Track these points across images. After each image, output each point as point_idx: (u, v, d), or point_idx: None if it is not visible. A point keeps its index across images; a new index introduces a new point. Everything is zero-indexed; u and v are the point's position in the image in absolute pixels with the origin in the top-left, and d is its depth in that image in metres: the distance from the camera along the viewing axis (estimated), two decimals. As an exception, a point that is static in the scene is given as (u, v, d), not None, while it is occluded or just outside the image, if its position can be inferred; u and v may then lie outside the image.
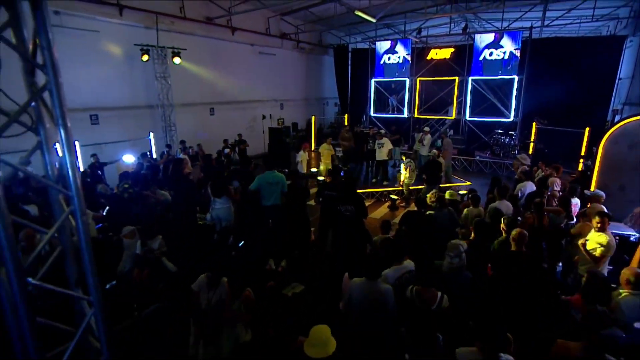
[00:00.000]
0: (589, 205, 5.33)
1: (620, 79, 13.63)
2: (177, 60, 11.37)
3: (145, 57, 10.63)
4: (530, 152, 12.33)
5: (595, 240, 4.29)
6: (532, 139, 12.91)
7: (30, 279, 1.46)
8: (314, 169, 10.47)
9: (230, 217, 5.19)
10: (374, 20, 12.48)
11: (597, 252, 4.16)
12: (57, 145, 1.75)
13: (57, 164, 1.77)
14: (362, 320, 3.12)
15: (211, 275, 3.52)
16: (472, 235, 4.47)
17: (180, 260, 4.74)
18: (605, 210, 5.25)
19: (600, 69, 12.59)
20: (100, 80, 10.21)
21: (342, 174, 5.52)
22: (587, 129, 11.32)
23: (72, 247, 1.74)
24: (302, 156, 10.51)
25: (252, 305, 3.68)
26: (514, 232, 3.73)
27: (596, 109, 12.97)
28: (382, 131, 11.88)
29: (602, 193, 5.33)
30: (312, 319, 3.86)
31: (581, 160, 10.50)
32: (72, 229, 1.69)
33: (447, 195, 5.78)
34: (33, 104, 1.66)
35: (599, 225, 4.29)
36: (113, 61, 10.50)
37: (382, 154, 10.38)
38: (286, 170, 6.61)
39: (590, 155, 11.27)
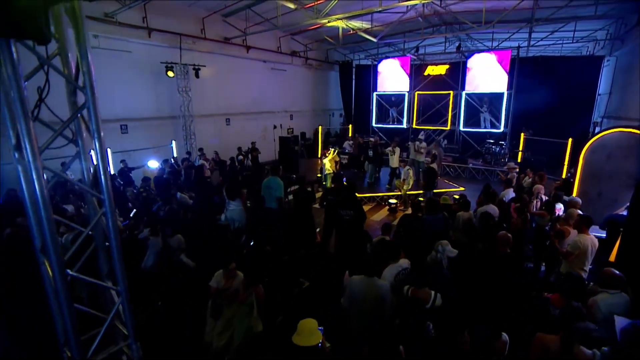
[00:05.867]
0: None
1: (599, 94, 13.59)
2: (197, 75, 11.63)
3: (170, 74, 10.87)
4: (519, 160, 12.31)
5: (572, 240, 4.32)
6: (520, 148, 12.88)
7: (68, 271, 1.55)
8: (319, 175, 10.43)
9: (242, 219, 5.27)
10: (374, 40, 12.62)
11: (569, 250, 4.19)
12: (92, 153, 1.85)
13: (91, 169, 1.86)
14: (361, 314, 3.16)
15: (228, 268, 3.62)
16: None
17: (199, 257, 4.83)
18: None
19: (582, 85, 12.82)
20: (131, 94, 10.48)
21: (345, 180, 5.55)
22: (570, 140, 11.26)
23: (104, 244, 1.83)
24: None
25: (262, 300, 3.74)
26: (500, 234, 3.75)
27: (579, 121, 13.11)
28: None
29: (578, 199, 5.33)
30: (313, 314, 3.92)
31: (565, 169, 10.42)
32: (104, 227, 1.78)
33: (441, 201, 5.78)
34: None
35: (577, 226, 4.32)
36: (142, 77, 10.77)
37: (394, 162, 10.36)
38: (294, 176, 6.68)
39: (574, 164, 11.23)
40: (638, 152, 5.99)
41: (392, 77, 16.38)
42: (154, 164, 9.68)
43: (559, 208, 5.75)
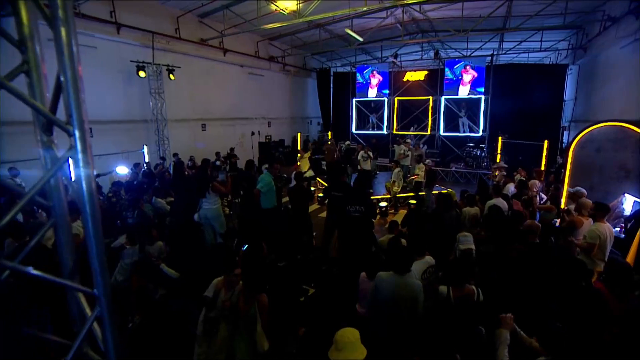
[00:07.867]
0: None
1: (565, 100, 14.31)
2: (171, 77, 10.85)
3: (142, 74, 10.01)
4: (497, 161, 12.55)
5: (589, 230, 4.10)
6: (498, 151, 13.17)
7: (6, 262, 0.84)
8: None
9: (219, 217, 4.67)
10: (361, 39, 12.60)
11: (586, 242, 3.96)
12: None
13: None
14: (391, 317, 2.67)
15: (231, 274, 3.02)
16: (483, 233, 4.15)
17: (182, 265, 4.13)
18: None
19: (550, 92, 13.35)
20: (96, 95, 9.42)
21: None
22: (545, 142, 11.61)
23: (67, 222, 1.04)
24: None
25: (266, 311, 3.14)
26: (527, 223, 3.44)
27: (548, 126, 13.57)
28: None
29: (584, 190, 5.21)
30: (330, 324, 3.37)
31: (542, 169, 10.66)
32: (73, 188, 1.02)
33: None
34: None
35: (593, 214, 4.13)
36: (109, 76, 9.82)
37: (366, 165, 10.30)
38: (284, 175, 6.17)
39: (554, 163, 11.64)
40: (629, 143, 6.04)
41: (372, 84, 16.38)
42: (122, 170, 8.73)
43: (560, 201, 5.63)
